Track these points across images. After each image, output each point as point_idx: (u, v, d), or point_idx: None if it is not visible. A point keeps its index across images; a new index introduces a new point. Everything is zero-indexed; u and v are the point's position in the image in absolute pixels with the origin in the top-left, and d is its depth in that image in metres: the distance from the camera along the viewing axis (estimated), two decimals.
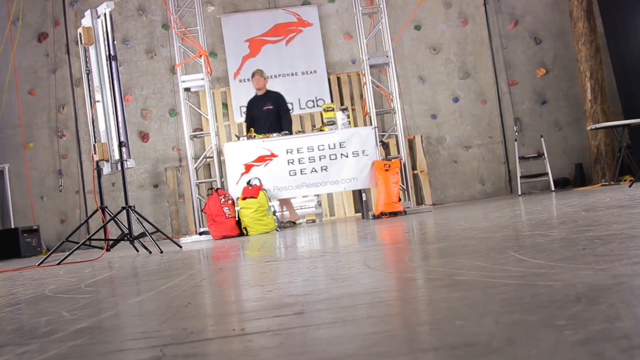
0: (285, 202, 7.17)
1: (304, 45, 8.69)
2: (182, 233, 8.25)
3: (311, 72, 8.72)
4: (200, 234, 6.47)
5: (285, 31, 8.78)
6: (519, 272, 1.24)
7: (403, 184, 6.51)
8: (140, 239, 4.72)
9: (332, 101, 8.49)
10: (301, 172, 6.35)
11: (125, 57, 8.68)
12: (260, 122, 7.01)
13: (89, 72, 4.84)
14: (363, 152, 6.38)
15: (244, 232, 6.13)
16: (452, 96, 8.91)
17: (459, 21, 8.96)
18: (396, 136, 6.97)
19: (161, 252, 4.33)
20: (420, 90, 8.90)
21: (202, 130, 8.26)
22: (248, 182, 6.25)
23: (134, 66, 8.72)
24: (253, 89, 7.23)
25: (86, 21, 4.77)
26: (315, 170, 6.36)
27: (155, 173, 8.63)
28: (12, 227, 8.01)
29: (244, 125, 7.39)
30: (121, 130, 4.58)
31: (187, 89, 7.00)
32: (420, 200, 8.39)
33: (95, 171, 4.76)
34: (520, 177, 8.03)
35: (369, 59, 6.66)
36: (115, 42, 4.65)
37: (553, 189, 7.91)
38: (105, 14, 4.61)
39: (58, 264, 4.23)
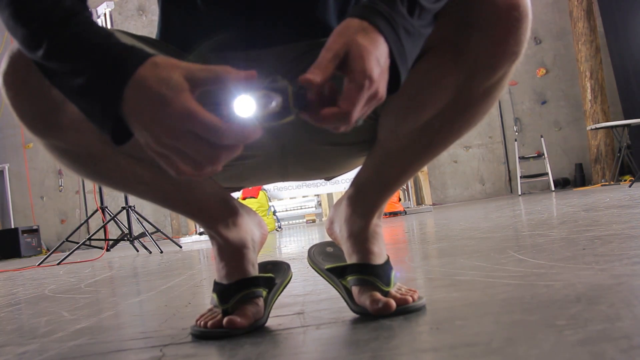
0: None
1: None
2: (182, 233, 8.24)
3: None
4: (200, 234, 6.47)
5: None
6: (519, 272, 1.24)
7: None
8: (140, 239, 4.72)
9: None
10: None
11: None
12: None
13: None
14: None
15: None
16: None
17: None
18: None
19: (161, 252, 4.33)
20: None
21: None
22: None
23: None
24: None
25: None
26: None
27: None
28: (12, 227, 8.02)
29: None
30: None
31: None
32: (420, 200, 8.39)
33: None
34: (520, 177, 8.02)
35: None
36: None
37: (553, 189, 7.90)
38: (105, 14, 4.61)
39: (58, 264, 4.22)
